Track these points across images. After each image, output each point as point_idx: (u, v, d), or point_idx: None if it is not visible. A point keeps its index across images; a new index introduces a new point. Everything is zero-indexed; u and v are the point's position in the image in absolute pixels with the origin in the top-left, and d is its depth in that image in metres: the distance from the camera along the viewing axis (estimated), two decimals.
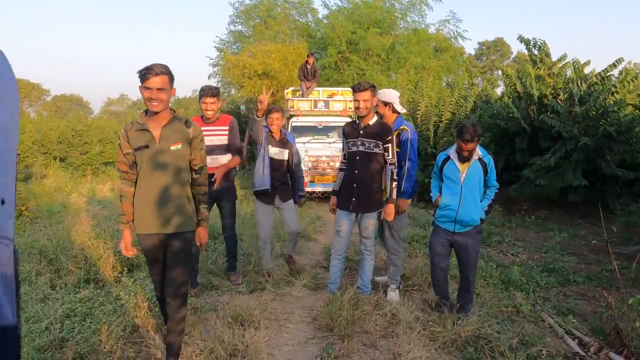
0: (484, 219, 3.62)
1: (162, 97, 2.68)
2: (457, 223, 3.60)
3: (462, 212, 3.55)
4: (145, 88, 2.65)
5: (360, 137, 3.90)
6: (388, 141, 3.88)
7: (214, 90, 4.29)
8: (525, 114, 8.96)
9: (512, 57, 41.18)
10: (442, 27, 20.78)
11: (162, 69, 2.65)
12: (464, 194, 3.55)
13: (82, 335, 3.23)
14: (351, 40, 18.26)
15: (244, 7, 21.30)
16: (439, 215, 3.71)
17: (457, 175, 3.57)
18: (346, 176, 4.04)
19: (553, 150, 8.08)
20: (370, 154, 3.88)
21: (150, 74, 2.61)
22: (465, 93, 11.36)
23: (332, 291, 4.07)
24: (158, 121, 2.79)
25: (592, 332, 3.56)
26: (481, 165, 3.54)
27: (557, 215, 8.56)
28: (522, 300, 4.14)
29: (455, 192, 3.58)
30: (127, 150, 2.79)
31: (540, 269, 5.25)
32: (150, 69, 2.61)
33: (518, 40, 9.32)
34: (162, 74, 2.65)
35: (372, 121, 3.92)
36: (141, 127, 2.79)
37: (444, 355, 3.22)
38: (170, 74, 2.72)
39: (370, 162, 3.90)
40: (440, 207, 3.68)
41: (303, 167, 9.39)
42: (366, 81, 3.94)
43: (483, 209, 3.58)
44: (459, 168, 3.56)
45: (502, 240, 6.63)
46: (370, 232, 4.03)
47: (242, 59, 16.86)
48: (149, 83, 2.62)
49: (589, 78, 8.55)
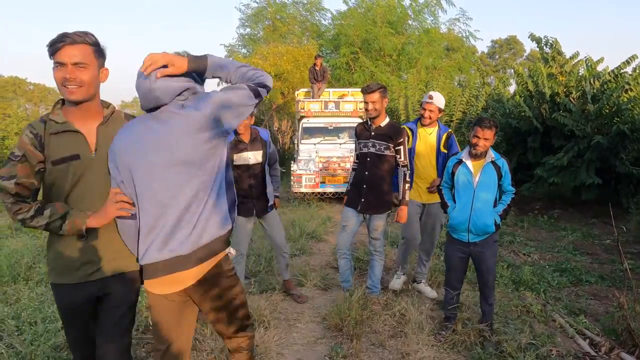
0: (499, 224, 3.40)
1: (82, 78, 1.80)
2: (470, 232, 3.39)
3: (474, 218, 3.34)
4: (57, 64, 1.77)
5: (372, 139, 3.88)
6: (400, 143, 3.85)
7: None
8: (537, 112, 8.88)
9: (525, 55, 40.83)
10: (453, 25, 20.71)
11: (82, 37, 1.79)
12: (477, 200, 3.34)
13: None
14: (365, 39, 18.28)
15: (251, 11, 21.43)
16: (451, 224, 3.49)
17: (470, 179, 3.38)
18: (356, 177, 4.02)
19: (566, 149, 8.00)
20: (380, 155, 3.86)
21: (64, 42, 1.75)
22: (476, 92, 11.31)
23: (347, 289, 4.08)
24: (87, 117, 1.91)
25: (603, 332, 3.53)
26: (495, 169, 3.35)
27: (570, 214, 8.47)
28: (533, 300, 4.12)
29: (467, 198, 3.38)
30: (38, 162, 1.83)
31: (552, 269, 5.21)
32: (64, 36, 1.76)
33: (529, 38, 9.24)
34: (82, 42, 1.79)
35: (383, 123, 3.89)
36: (63, 126, 1.86)
37: (453, 355, 3.23)
38: (98, 45, 1.86)
39: (380, 164, 3.87)
40: (452, 216, 3.47)
41: (314, 168, 9.51)
42: (375, 83, 3.93)
43: (497, 213, 3.37)
44: (472, 171, 3.39)
45: (513, 240, 6.59)
46: (379, 233, 4.01)
47: (253, 61, 16.96)
48: (61, 56, 1.76)
49: (602, 76, 8.44)
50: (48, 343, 3.11)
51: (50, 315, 3.61)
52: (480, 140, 3.30)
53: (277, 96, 17.56)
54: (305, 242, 6.28)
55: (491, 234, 3.39)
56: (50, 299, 4.01)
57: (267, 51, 17.33)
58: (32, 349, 3.02)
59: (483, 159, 3.38)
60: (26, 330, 3.36)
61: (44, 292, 4.15)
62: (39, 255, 5.07)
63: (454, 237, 3.50)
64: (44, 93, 50.28)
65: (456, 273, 3.55)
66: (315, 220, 7.58)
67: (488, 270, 3.43)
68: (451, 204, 3.52)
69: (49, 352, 3.02)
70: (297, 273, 4.81)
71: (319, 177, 9.45)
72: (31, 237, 5.96)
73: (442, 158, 4.11)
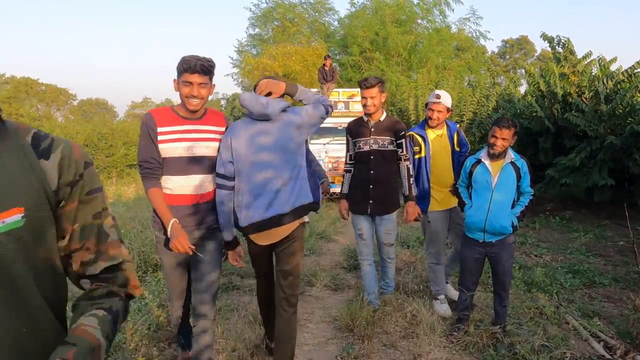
0: (516, 226, 3.34)
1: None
2: (486, 232, 3.34)
3: (491, 219, 3.28)
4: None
5: (373, 135, 3.70)
6: (402, 136, 3.67)
7: (205, 63, 2.40)
8: (549, 113, 8.79)
9: (536, 55, 40.51)
10: (463, 25, 20.61)
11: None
12: (494, 200, 3.29)
13: None
14: (374, 39, 18.26)
15: (261, 11, 21.48)
16: (467, 223, 3.45)
17: (489, 180, 3.32)
18: (359, 178, 3.80)
19: (578, 150, 7.91)
20: (385, 151, 3.68)
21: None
22: (487, 92, 11.22)
23: (373, 302, 3.79)
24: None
25: (618, 335, 3.48)
26: (514, 169, 3.30)
27: (582, 215, 8.38)
28: (546, 302, 4.07)
29: (485, 198, 3.33)
30: None
31: (565, 271, 5.15)
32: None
33: (541, 38, 9.14)
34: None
35: (382, 117, 3.72)
36: None
37: (465, 356, 3.20)
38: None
39: (386, 161, 3.70)
40: (467, 215, 3.43)
41: (323, 168, 9.45)
42: (374, 77, 3.69)
43: (515, 214, 3.31)
44: (491, 172, 3.32)
45: (525, 241, 6.53)
46: (392, 238, 3.86)
47: (262, 61, 17.02)
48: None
49: (615, 76, 8.34)
50: None
51: None
52: (498, 140, 3.24)
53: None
54: (315, 242, 6.27)
55: (508, 235, 3.35)
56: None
57: (276, 51, 17.37)
58: None
59: (502, 159, 3.32)
60: None
61: None
62: None
63: (469, 237, 3.46)
64: (56, 94, 50.80)
65: (471, 274, 3.51)
66: (325, 221, 7.57)
67: (504, 271, 3.39)
68: (468, 202, 3.47)
69: None
70: (308, 273, 4.81)
71: (329, 177, 9.42)
72: None
73: (457, 157, 3.94)
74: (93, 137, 18.98)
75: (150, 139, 2.47)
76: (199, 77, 2.38)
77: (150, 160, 2.46)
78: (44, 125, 15.65)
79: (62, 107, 52.85)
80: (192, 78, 2.37)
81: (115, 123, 25.68)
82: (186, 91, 2.40)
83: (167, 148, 2.47)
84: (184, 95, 2.41)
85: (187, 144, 2.50)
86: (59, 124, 23.46)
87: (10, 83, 48.21)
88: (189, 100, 2.43)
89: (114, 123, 25.58)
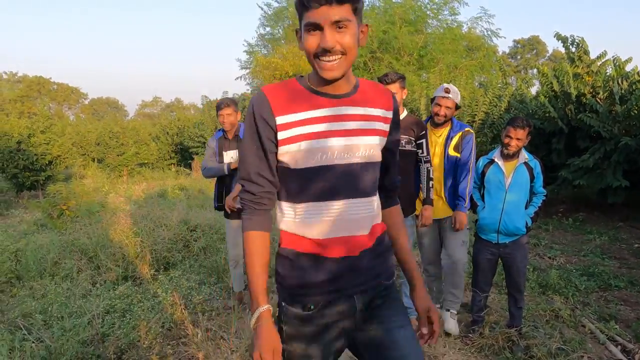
0: (530, 226, 3.31)
1: None
2: (500, 233, 3.31)
3: (505, 220, 3.24)
4: None
5: None
6: (422, 136, 3.39)
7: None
8: (563, 113, 8.70)
9: (548, 56, 40.20)
10: (474, 24, 20.47)
11: None
12: (508, 201, 3.25)
13: (122, 331, 3.33)
14: (383, 39, 18.20)
15: (272, 10, 21.51)
16: (480, 225, 3.41)
17: (502, 180, 3.28)
18: None
19: (592, 151, 7.82)
20: (404, 152, 3.32)
21: None
22: (499, 92, 11.13)
23: None
24: None
25: (635, 339, 3.43)
26: (527, 170, 3.26)
27: (596, 217, 8.29)
28: (561, 304, 4.02)
29: (498, 199, 3.29)
30: None
31: (579, 273, 5.09)
32: None
33: (555, 37, 9.06)
34: None
35: (402, 115, 3.34)
36: None
37: (481, 359, 3.17)
38: None
39: (404, 161, 3.37)
40: (481, 217, 3.38)
41: None
42: (394, 72, 3.34)
43: (529, 215, 3.28)
44: (504, 172, 3.28)
45: (538, 243, 6.47)
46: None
47: (272, 60, 17.03)
48: None
49: (630, 76, 8.22)
50: (76, 338, 3.15)
51: (76, 311, 3.66)
52: (512, 140, 3.20)
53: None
54: None
55: (521, 236, 3.32)
56: (77, 294, 4.07)
57: (286, 51, 17.37)
58: (60, 343, 3.05)
59: (516, 159, 3.29)
60: (54, 325, 3.41)
61: (70, 287, 4.21)
62: (64, 250, 5.14)
63: (483, 238, 3.43)
64: (67, 93, 51.30)
65: (484, 275, 3.48)
66: None
67: (518, 272, 3.36)
68: (480, 203, 3.43)
69: (77, 346, 3.05)
70: None
71: None
72: (56, 233, 6.05)
73: (450, 164, 3.51)
74: (104, 135, 19.11)
75: (258, 139, 1.39)
76: (330, 8, 1.23)
77: (254, 179, 1.41)
78: (56, 124, 15.76)
79: (73, 105, 53.37)
80: (320, 14, 1.23)
81: (125, 122, 25.89)
82: (312, 41, 1.28)
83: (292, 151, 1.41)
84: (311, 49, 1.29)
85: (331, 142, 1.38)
86: (70, 123, 23.69)
87: (22, 82, 48.77)
88: (321, 61, 1.30)
89: (125, 122, 25.79)
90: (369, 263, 1.45)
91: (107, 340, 3.23)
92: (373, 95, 1.49)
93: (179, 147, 19.99)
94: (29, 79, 48.34)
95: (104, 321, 3.53)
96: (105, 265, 4.80)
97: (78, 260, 4.91)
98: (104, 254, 4.98)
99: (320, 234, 1.39)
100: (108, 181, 13.85)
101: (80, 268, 4.75)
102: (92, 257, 5.01)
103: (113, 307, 3.80)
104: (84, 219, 6.67)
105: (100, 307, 3.72)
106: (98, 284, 4.48)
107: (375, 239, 1.48)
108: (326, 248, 1.39)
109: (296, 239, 1.42)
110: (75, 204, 7.28)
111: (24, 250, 5.11)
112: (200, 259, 5.29)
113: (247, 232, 1.42)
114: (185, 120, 21.60)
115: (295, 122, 1.36)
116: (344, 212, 1.39)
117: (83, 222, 6.32)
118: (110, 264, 4.79)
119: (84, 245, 5.22)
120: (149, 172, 17.09)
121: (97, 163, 18.84)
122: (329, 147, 1.35)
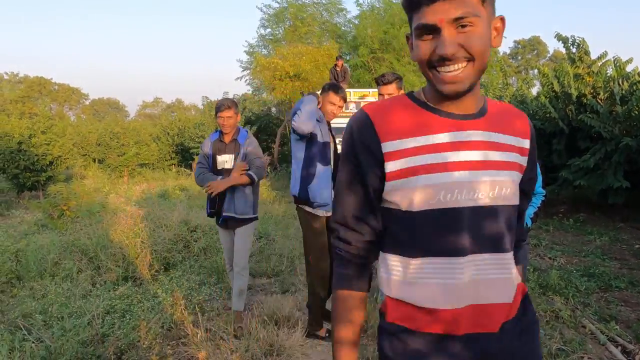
0: (530, 227, 3.29)
1: None
2: None
3: None
4: None
5: None
6: None
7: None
8: (563, 114, 8.71)
9: (548, 56, 40.21)
10: None
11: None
12: None
13: (122, 331, 3.33)
14: (383, 40, 18.21)
15: (273, 11, 21.51)
16: None
17: None
18: None
19: (592, 151, 7.82)
20: None
21: None
22: (499, 93, 11.15)
23: None
24: None
25: (636, 340, 3.43)
26: None
27: (596, 218, 8.28)
28: (562, 305, 4.02)
29: None
30: None
31: (580, 274, 5.08)
32: None
33: (555, 38, 9.07)
34: None
35: None
36: None
37: None
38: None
39: None
40: None
41: None
42: (391, 73, 3.30)
43: (529, 216, 3.25)
44: None
45: (539, 244, 6.46)
46: None
47: (273, 61, 17.03)
48: None
49: (631, 76, 8.23)
50: (76, 338, 3.15)
51: (76, 311, 3.66)
52: None
53: (297, 96, 17.60)
54: None
55: None
56: (77, 294, 4.07)
57: (287, 51, 17.37)
58: (60, 344, 3.06)
59: None
60: (54, 325, 3.41)
61: (70, 288, 4.21)
62: (64, 251, 5.15)
63: None
64: (68, 93, 51.37)
65: None
66: None
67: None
68: None
69: (77, 346, 3.05)
70: None
71: None
72: (57, 234, 6.06)
73: None
74: (105, 136, 19.13)
75: (358, 173, 1.10)
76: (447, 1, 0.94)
77: (351, 224, 1.12)
78: (57, 124, 15.78)
79: (74, 106, 53.43)
80: (434, 11, 0.95)
81: (126, 122, 25.93)
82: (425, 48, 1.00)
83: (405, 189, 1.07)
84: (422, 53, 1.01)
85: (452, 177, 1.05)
86: (71, 123, 23.73)
87: (23, 82, 48.84)
88: (440, 72, 0.99)
89: (126, 122, 25.83)
90: (511, 342, 1.09)
91: (107, 341, 3.23)
92: (505, 118, 1.11)
93: (179, 148, 20.02)
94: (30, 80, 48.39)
95: (104, 321, 3.53)
96: (106, 265, 4.80)
97: (78, 260, 4.91)
98: (104, 254, 4.98)
99: (445, 302, 1.02)
100: (109, 182, 13.87)
101: (80, 268, 4.75)
102: (93, 257, 5.01)
103: (113, 307, 3.80)
104: (84, 219, 6.67)
105: (100, 308, 3.71)
106: (98, 284, 4.48)
107: (516, 308, 1.13)
108: (453, 324, 1.02)
109: (410, 312, 1.05)
110: (75, 204, 7.29)
111: (24, 251, 5.12)
112: (200, 260, 5.29)
113: (337, 290, 1.12)
114: (185, 120, 21.63)
115: (408, 149, 1.02)
116: (475, 272, 1.03)
117: (83, 223, 6.32)
118: (110, 265, 4.79)
119: (85, 245, 5.22)
120: (149, 172, 17.12)
121: (97, 163, 18.88)
122: (454, 184, 1.00)
